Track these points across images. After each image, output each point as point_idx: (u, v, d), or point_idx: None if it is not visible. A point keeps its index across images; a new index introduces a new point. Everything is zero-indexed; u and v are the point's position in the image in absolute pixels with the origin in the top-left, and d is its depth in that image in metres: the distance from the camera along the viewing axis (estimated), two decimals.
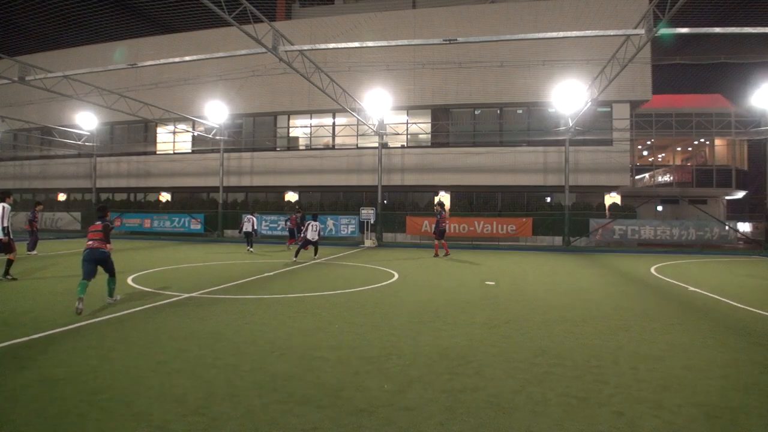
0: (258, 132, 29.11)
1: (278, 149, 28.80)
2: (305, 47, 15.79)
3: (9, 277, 10.26)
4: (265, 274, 12.02)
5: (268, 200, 28.59)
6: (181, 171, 29.58)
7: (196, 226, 26.96)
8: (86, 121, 27.51)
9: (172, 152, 30.60)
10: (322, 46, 15.97)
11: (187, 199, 29.65)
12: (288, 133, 28.94)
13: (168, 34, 30.01)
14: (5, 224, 9.95)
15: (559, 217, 23.78)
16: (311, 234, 15.79)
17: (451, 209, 26.02)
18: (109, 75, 23.95)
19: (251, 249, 19.10)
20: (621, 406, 4.00)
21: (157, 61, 17.35)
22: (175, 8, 27.60)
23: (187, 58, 16.95)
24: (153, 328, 6.34)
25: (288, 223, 21.65)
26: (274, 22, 23.32)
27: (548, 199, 26.50)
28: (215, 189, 28.19)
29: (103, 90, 21.34)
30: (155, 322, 6.73)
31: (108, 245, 7.73)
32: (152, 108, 24.28)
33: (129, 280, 10.47)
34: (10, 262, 10.38)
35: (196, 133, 28.62)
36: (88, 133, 29.75)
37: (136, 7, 28.27)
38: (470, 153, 25.54)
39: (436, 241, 18.01)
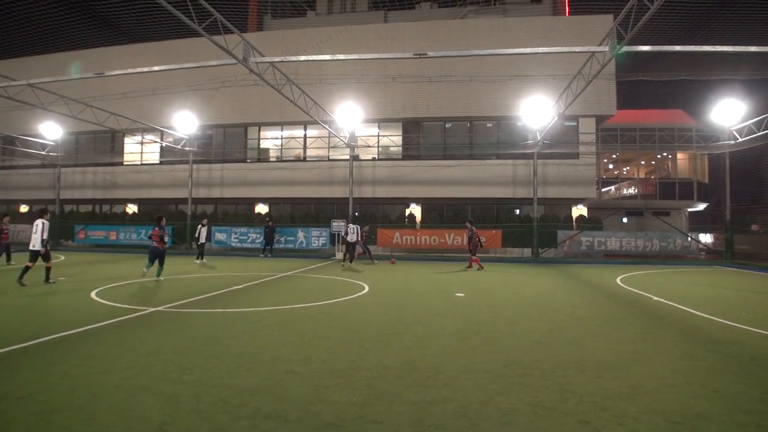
0: (228, 143, 28.86)
1: (249, 161, 28.59)
2: (276, 59, 15.78)
3: (51, 281, 12.08)
4: (234, 288, 11.87)
5: (238, 212, 28.32)
6: (148, 182, 29.07)
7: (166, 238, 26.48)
8: (50, 130, 26.83)
9: (139, 163, 30.07)
10: (293, 58, 15.97)
11: (155, 211, 29.12)
12: (258, 144, 28.77)
13: (137, 43, 29.62)
14: (45, 237, 11.70)
15: (527, 229, 24.13)
16: (351, 237, 18.36)
17: (421, 221, 26.17)
18: (75, 84, 23.46)
19: (202, 260, 19.25)
20: (586, 414, 4.08)
21: (126, 71, 17.07)
22: (144, 18, 27.30)
23: (156, 68, 16.74)
24: (117, 344, 6.20)
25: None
26: (245, 33, 23.23)
27: (517, 211, 26.88)
28: (184, 200, 27.79)
29: (68, 99, 20.91)
30: (119, 337, 6.58)
31: (162, 244, 12.77)
32: (119, 118, 23.86)
33: (93, 295, 10.22)
34: (48, 270, 12.20)
35: (164, 144, 28.22)
36: (52, 143, 29.04)
37: (103, 16, 27.87)
38: (441, 166, 25.78)
39: (472, 256, 18.35)
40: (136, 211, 30.03)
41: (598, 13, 24.32)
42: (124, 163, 30.35)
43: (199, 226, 20.01)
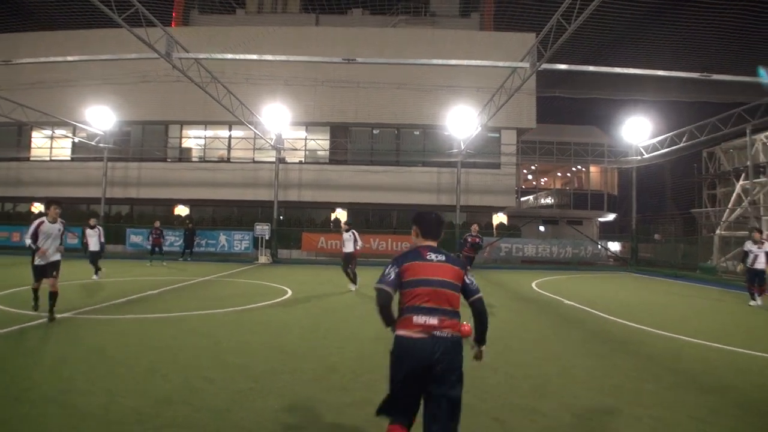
0: (147, 141, 27.59)
1: (169, 160, 27.50)
2: (201, 56, 15.36)
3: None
4: (149, 293, 11.35)
5: (156, 214, 27.06)
6: (58, 180, 27.19)
7: (73, 240, 24.74)
8: None
9: (48, 159, 28.14)
10: (220, 56, 15.61)
11: (64, 211, 27.27)
12: (180, 143, 27.76)
13: (50, 30, 27.73)
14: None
15: (450, 236, 24.71)
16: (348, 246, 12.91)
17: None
18: None
19: (96, 274, 13.83)
20: (499, 413, 4.25)
21: (37, 59, 16.05)
22: (59, 3, 25.62)
23: (70, 59, 15.84)
24: (20, 353, 5.79)
25: (151, 238, 20.33)
26: (168, 27, 22.34)
27: None
28: (97, 200, 26.16)
29: None
30: (22, 346, 6.15)
31: None
32: (28, 110, 22.26)
33: None
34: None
35: (77, 140, 26.56)
36: None
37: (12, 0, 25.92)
38: (368, 171, 25.93)
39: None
40: (43, 210, 28.00)
41: (522, 31, 25.39)
42: (31, 158, 28.28)
43: (87, 228, 14.29)
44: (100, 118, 23.82)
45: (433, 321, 2.90)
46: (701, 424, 4.11)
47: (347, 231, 12.89)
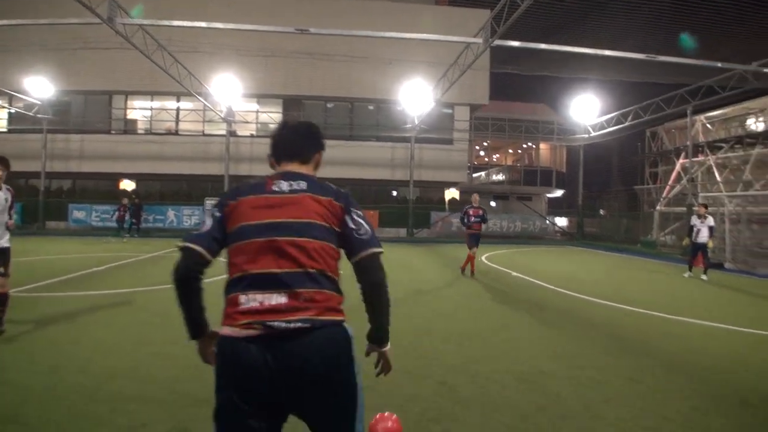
0: (89, 112, 26.38)
1: (113, 132, 26.43)
2: (146, 22, 14.74)
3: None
4: (94, 269, 10.99)
5: (99, 188, 26.09)
6: None
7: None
8: None
9: None
10: (166, 22, 15.00)
11: None
12: (125, 115, 26.70)
13: None
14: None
15: (403, 210, 24.93)
16: None
17: None
18: None
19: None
20: (444, 377, 4.39)
21: None
22: None
23: (3, 22, 14.86)
24: None
25: (117, 214, 20.06)
26: None
27: (394, 193, 27.66)
28: (36, 175, 24.90)
29: None
30: None
31: None
32: None
33: None
34: None
35: (13, 110, 25.12)
36: None
37: None
38: None
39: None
40: None
41: (476, 7, 25.46)
42: None
43: None
44: (38, 87, 22.56)
45: (272, 300, 1.67)
46: (629, 382, 4.39)
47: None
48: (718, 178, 24.85)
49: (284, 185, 1.85)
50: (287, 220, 1.74)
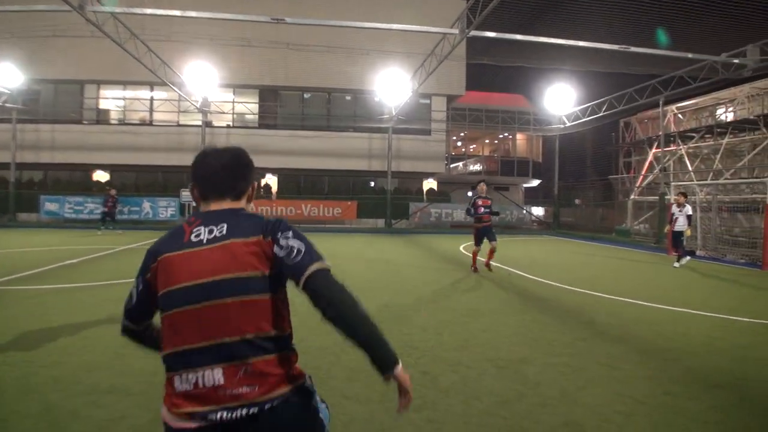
0: (61, 101, 25.78)
1: (85, 122, 25.86)
2: (118, 10, 14.42)
3: None
4: (67, 262, 10.81)
5: (72, 180, 25.55)
6: None
7: None
8: None
9: None
10: (138, 10, 14.74)
11: None
12: (97, 104, 26.13)
13: None
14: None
15: (381, 201, 24.94)
16: None
17: (278, 192, 25.84)
18: None
19: None
20: (426, 366, 4.46)
21: None
22: None
23: None
24: None
25: (106, 205, 19.79)
26: None
27: (372, 184, 27.65)
28: (5, 166, 24.28)
29: None
30: None
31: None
32: None
33: None
34: None
35: None
36: None
37: None
38: (298, 136, 25.55)
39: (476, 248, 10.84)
40: None
41: None
42: None
43: None
44: (7, 75, 21.91)
45: (206, 380, 1.46)
46: (604, 368, 4.51)
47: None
48: (690, 168, 25.40)
49: (203, 233, 1.57)
50: (212, 279, 1.49)
